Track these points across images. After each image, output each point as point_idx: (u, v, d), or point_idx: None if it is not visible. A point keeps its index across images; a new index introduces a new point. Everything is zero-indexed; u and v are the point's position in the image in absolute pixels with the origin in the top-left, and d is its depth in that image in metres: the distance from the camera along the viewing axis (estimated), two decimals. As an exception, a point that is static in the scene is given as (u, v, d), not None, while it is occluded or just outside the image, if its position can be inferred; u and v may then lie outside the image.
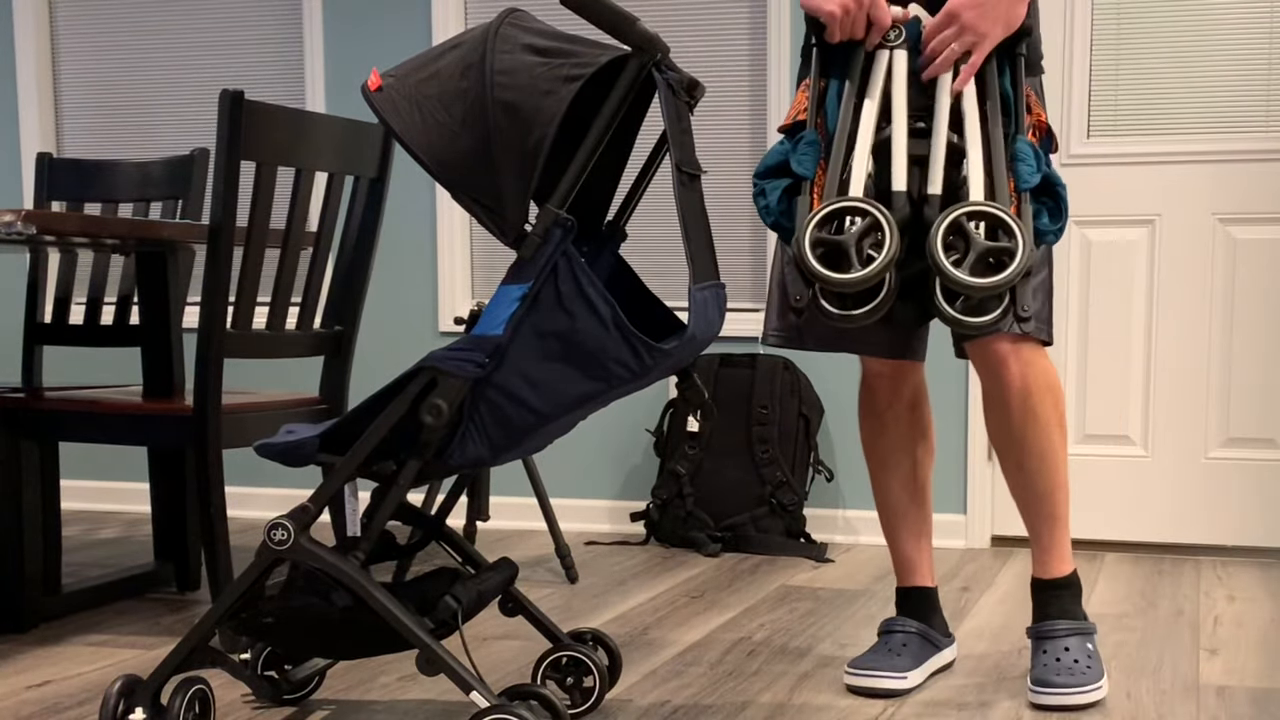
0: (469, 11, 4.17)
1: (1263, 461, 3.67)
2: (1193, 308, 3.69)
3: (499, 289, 1.91)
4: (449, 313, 4.16)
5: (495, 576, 2.19)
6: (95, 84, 4.53)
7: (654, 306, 2.10)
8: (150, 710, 2.03)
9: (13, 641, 2.77)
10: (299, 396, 2.97)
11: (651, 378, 1.95)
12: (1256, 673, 2.53)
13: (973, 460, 3.77)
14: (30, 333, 3.44)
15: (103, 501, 4.43)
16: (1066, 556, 2.41)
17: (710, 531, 3.75)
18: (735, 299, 3.90)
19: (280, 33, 4.33)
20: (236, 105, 2.53)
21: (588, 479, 4.08)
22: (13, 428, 2.84)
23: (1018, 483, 2.40)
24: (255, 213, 2.62)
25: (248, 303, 2.65)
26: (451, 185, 1.92)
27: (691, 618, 2.96)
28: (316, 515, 2.01)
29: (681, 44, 3.91)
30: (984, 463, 3.75)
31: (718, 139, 3.97)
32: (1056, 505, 2.40)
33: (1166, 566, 3.55)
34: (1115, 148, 3.68)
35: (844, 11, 2.14)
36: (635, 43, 1.90)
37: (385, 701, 2.34)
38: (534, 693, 2.02)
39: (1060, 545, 2.41)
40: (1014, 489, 2.42)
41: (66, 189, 3.53)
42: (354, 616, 2.00)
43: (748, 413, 3.83)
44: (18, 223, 2.44)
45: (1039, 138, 2.19)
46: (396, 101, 1.91)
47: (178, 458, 3.19)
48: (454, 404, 1.90)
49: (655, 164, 2.14)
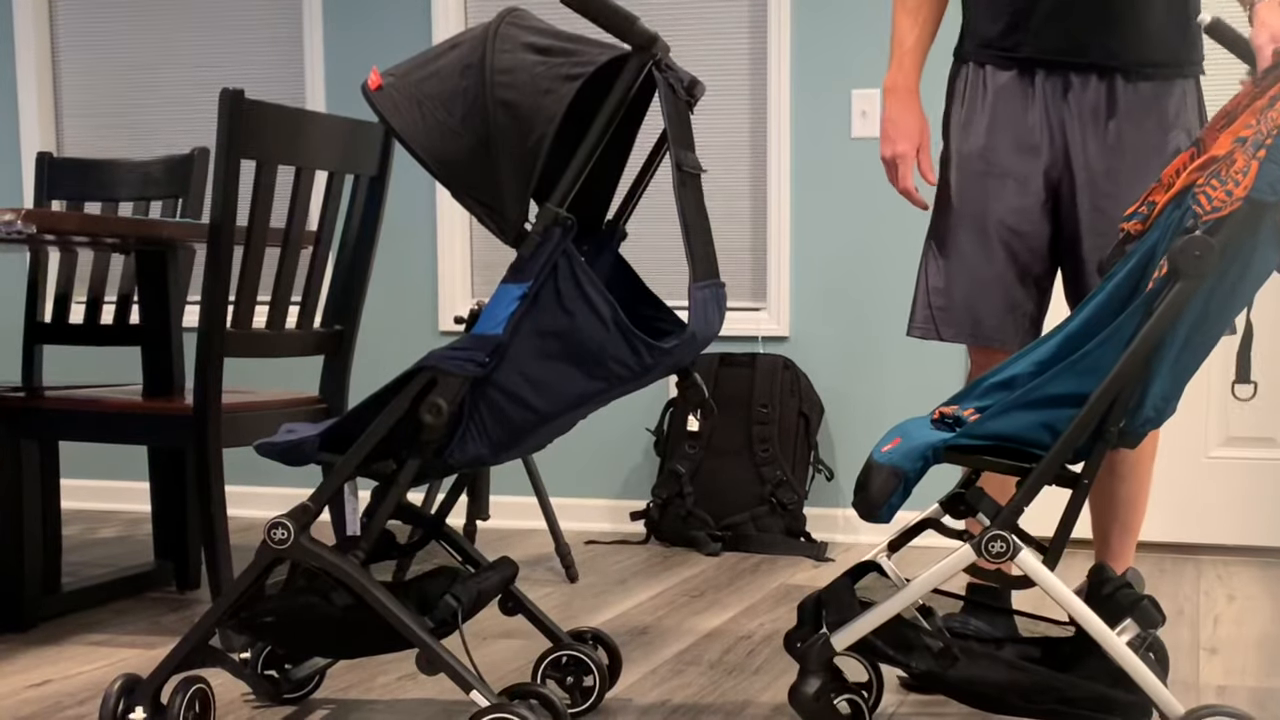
0: (469, 11, 4.17)
1: (1263, 461, 3.67)
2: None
3: (499, 288, 1.91)
4: (449, 312, 4.16)
5: (495, 576, 2.19)
6: (95, 84, 4.53)
7: (654, 306, 2.10)
8: (150, 709, 2.03)
9: (13, 641, 2.76)
10: (299, 396, 2.97)
11: (651, 377, 1.95)
12: (1256, 673, 2.53)
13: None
14: (30, 332, 3.44)
15: (103, 501, 4.43)
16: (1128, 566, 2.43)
17: (710, 531, 3.75)
18: (735, 298, 3.90)
19: (280, 33, 4.33)
20: (236, 105, 2.53)
21: (588, 479, 4.08)
22: (13, 427, 2.83)
23: (1105, 487, 2.40)
24: (255, 212, 2.61)
25: (248, 302, 2.65)
26: (451, 184, 1.92)
27: (691, 617, 2.96)
28: (316, 514, 2.01)
29: (681, 44, 3.90)
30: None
31: (718, 139, 3.97)
32: (1134, 515, 2.44)
33: (1166, 566, 3.55)
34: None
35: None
36: (635, 42, 1.90)
37: (385, 701, 2.34)
38: (534, 692, 2.02)
39: (1127, 554, 2.45)
40: (1098, 492, 2.39)
41: (66, 189, 3.53)
42: (354, 616, 2.00)
43: (748, 412, 3.83)
44: (18, 222, 2.44)
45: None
46: (397, 100, 1.91)
47: (178, 457, 3.19)
48: (454, 403, 1.90)
49: (655, 163, 2.14)
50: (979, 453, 1.91)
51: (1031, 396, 1.88)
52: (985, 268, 2.37)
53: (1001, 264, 2.36)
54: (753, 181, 3.99)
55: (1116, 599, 1.97)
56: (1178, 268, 1.78)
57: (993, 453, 1.91)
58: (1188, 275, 1.78)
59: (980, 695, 1.95)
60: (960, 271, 2.38)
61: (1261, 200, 1.74)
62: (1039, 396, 1.87)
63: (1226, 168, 1.80)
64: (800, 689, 1.93)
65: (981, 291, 2.37)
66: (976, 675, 1.92)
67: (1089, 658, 1.88)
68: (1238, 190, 1.76)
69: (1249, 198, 1.74)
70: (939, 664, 1.92)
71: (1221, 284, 1.80)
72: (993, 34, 2.36)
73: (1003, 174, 2.36)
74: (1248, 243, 1.78)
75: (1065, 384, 1.85)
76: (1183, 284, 1.78)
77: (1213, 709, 1.82)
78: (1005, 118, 2.36)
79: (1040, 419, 1.87)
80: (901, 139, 2.40)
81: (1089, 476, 1.88)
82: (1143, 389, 1.84)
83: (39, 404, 2.88)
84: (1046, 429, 1.86)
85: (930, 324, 2.42)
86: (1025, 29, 2.32)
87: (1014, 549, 1.86)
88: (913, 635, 1.96)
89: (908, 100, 2.41)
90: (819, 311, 3.93)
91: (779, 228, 3.94)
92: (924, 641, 1.95)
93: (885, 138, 2.43)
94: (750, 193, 4.00)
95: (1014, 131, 2.35)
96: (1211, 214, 1.78)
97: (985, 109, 2.38)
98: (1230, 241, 1.77)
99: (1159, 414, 1.87)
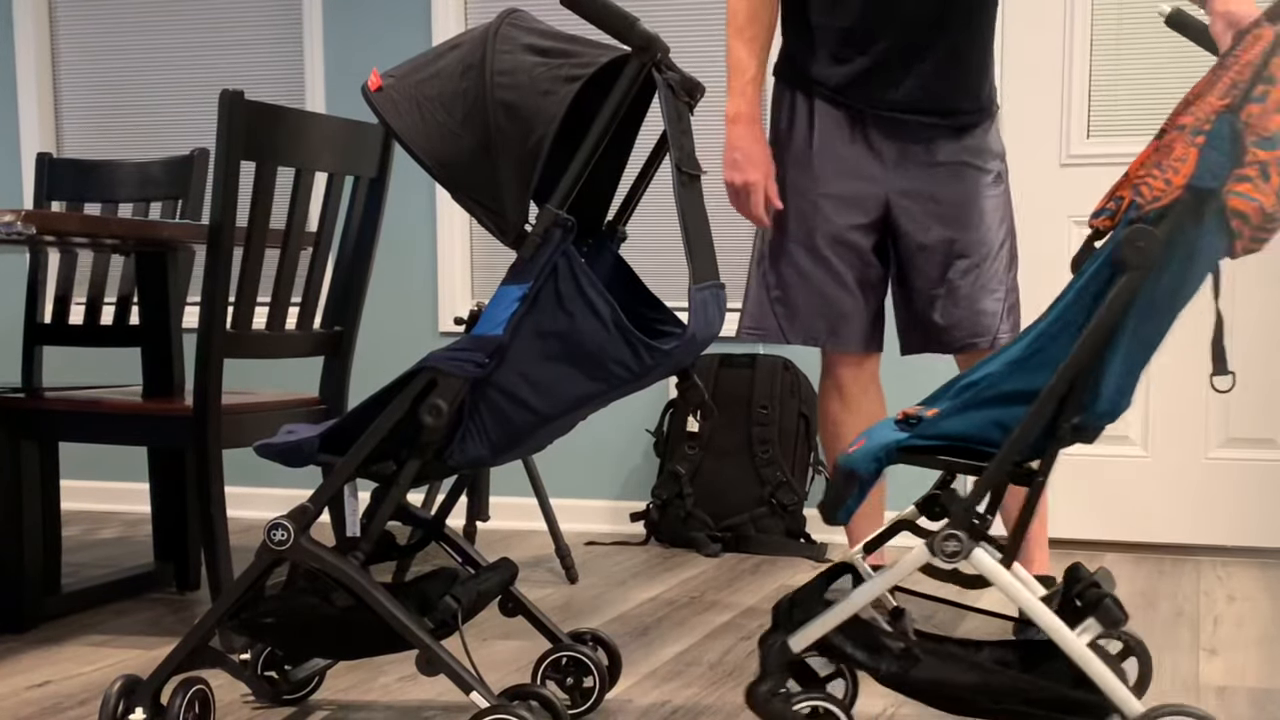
0: (469, 11, 4.17)
1: (1263, 461, 3.67)
2: (1192, 307, 3.67)
3: (499, 289, 1.91)
4: (449, 313, 4.16)
5: (495, 576, 2.19)
6: (95, 84, 4.53)
7: (654, 306, 2.10)
8: (150, 710, 2.03)
9: (13, 641, 2.77)
10: (299, 396, 2.97)
11: (651, 378, 1.95)
12: (1256, 673, 2.53)
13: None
14: (30, 333, 3.44)
15: (103, 501, 4.43)
16: (1047, 563, 2.52)
17: (710, 531, 3.75)
18: (735, 299, 3.89)
19: (280, 33, 4.33)
20: (236, 105, 2.53)
21: (588, 479, 4.08)
22: (13, 428, 2.83)
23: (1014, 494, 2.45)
24: (255, 213, 2.61)
25: (248, 303, 2.65)
26: (451, 185, 1.92)
27: (691, 618, 2.96)
28: (316, 515, 2.01)
29: (681, 44, 3.90)
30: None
31: (718, 139, 3.95)
32: (1041, 520, 2.58)
33: (1166, 566, 3.55)
34: (1115, 148, 3.67)
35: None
36: (635, 43, 1.90)
37: (385, 701, 2.34)
38: (534, 693, 2.02)
39: (1045, 544, 2.55)
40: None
41: (66, 189, 3.53)
42: (354, 617, 2.00)
43: (748, 413, 3.83)
44: (18, 223, 2.44)
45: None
46: (397, 101, 1.91)
47: (178, 458, 3.19)
48: (454, 404, 1.90)
49: (655, 164, 2.14)
50: (934, 453, 1.91)
51: (983, 395, 1.87)
52: (818, 277, 2.58)
53: (832, 273, 2.58)
54: (753, 182, 3.98)
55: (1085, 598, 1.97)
56: (1122, 259, 1.77)
57: (949, 452, 1.91)
58: (1133, 266, 1.77)
59: (947, 697, 1.95)
60: (796, 281, 2.60)
61: (1203, 187, 1.73)
62: (990, 395, 1.87)
63: (1167, 155, 1.79)
64: (755, 688, 1.94)
65: (820, 299, 2.60)
66: (941, 677, 1.92)
67: (1055, 659, 1.88)
68: (1177, 179, 1.75)
69: (1189, 185, 1.73)
70: (901, 665, 1.93)
71: (1167, 273, 1.79)
72: (826, 78, 2.55)
73: (834, 196, 2.57)
74: (1192, 231, 1.77)
75: (1016, 381, 1.85)
76: (1128, 275, 1.77)
77: (1172, 708, 1.80)
78: (832, 147, 2.56)
79: (992, 417, 1.86)
80: (752, 168, 2.54)
81: (1044, 474, 1.88)
82: (1095, 383, 1.83)
83: (39, 405, 2.88)
84: (999, 427, 1.85)
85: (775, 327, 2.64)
86: (862, 87, 2.52)
87: (968, 548, 1.86)
88: (876, 637, 1.97)
89: (753, 129, 2.55)
90: (819, 312, 3.93)
91: (779, 228, 3.93)
92: (886, 643, 1.95)
93: (734, 166, 2.55)
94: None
95: (843, 160, 2.56)
96: (1153, 204, 1.77)
97: (814, 138, 2.57)
98: (1174, 231, 1.76)
99: (1114, 408, 1.86)
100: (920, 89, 2.49)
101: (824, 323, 2.60)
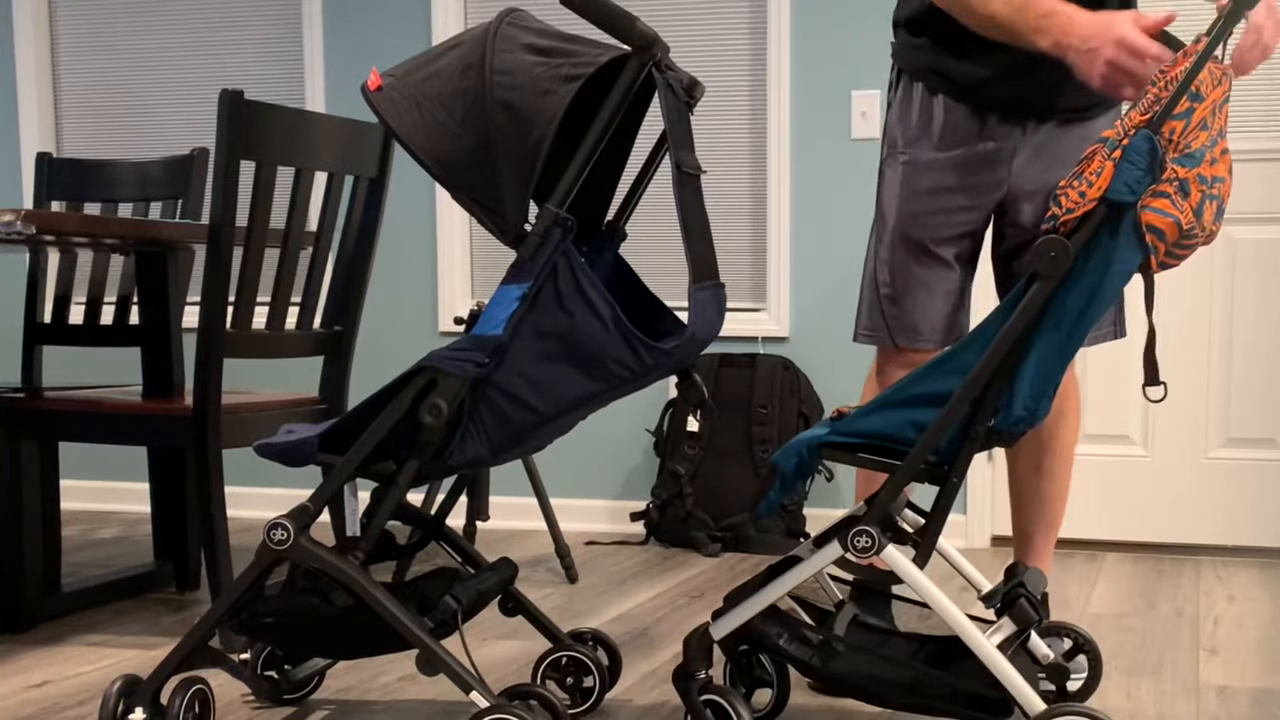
0: (469, 11, 4.17)
1: (1263, 461, 3.67)
2: (1192, 307, 3.69)
3: (499, 289, 1.91)
4: (449, 313, 4.16)
5: (495, 576, 2.19)
6: (95, 84, 4.53)
7: (654, 306, 2.10)
8: (150, 710, 2.03)
9: (13, 641, 2.76)
10: (299, 396, 2.97)
11: (651, 378, 1.95)
12: (1256, 673, 2.53)
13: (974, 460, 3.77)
14: (30, 333, 3.44)
15: (103, 501, 4.43)
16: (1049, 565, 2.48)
17: (710, 531, 3.75)
18: (735, 299, 3.90)
19: (280, 33, 4.33)
20: (236, 105, 2.53)
21: (588, 479, 4.08)
22: (13, 428, 2.83)
23: (1031, 486, 2.43)
24: (255, 213, 2.61)
25: (247, 303, 2.65)
26: (451, 185, 1.92)
27: (691, 618, 2.95)
28: (316, 515, 2.01)
29: (681, 44, 3.91)
30: (984, 463, 3.75)
31: (718, 139, 3.97)
32: (1058, 514, 2.47)
33: (1166, 566, 3.55)
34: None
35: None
36: (635, 42, 1.90)
37: (385, 701, 2.34)
38: (534, 693, 2.02)
39: (1048, 553, 2.48)
40: (1024, 491, 2.44)
41: (66, 189, 3.53)
42: (354, 616, 2.00)
43: (748, 412, 3.83)
44: (17, 223, 2.44)
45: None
46: (396, 101, 1.91)
47: (178, 458, 3.19)
48: (453, 404, 1.90)
49: (655, 164, 2.14)
50: (853, 449, 1.93)
51: (900, 395, 1.90)
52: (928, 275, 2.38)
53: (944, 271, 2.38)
54: (753, 182, 3.99)
55: (1006, 598, 1.99)
56: (1034, 268, 1.80)
57: (868, 450, 1.93)
58: (1044, 275, 1.79)
59: (868, 692, 1.97)
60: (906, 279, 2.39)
61: (1120, 201, 1.75)
62: (907, 395, 1.89)
63: (1085, 167, 1.80)
64: (677, 670, 2.02)
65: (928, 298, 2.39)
66: (860, 670, 1.95)
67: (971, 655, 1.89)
68: (1091, 191, 1.77)
69: (1104, 198, 1.75)
70: (817, 657, 1.96)
71: (1080, 284, 1.80)
72: (957, 75, 2.36)
73: (950, 190, 2.37)
74: (1107, 243, 1.79)
75: (932, 383, 1.87)
76: (1039, 284, 1.80)
77: (1068, 708, 1.81)
78: (954, 141, 2.36)
79: (908, 417, 1.89)
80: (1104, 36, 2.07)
81: (958, 476, 1.90)
82: (1010, 389, 1.85)
83: (39, 405, 2.88)
84: (914, 427, 1.88)
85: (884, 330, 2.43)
86: (993, 83, 2.32)
87: (879, 544, 1.87)
88: (798, 628, 2.00)
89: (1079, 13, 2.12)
90: (819, 312, 3.93)
91: (779, 228, 3.94)
92: (807, 634, 1.98)
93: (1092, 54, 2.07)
94: (750, 193, 4.00)
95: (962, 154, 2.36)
96: (1067, 214, 1.79)
97: (940, 135, 2.37)
98: (1086, 242, 1.78)
99: (1031, 414, 1.88)
100: (1050, 83, 2.30)
101: (927, 324, 2.40)
